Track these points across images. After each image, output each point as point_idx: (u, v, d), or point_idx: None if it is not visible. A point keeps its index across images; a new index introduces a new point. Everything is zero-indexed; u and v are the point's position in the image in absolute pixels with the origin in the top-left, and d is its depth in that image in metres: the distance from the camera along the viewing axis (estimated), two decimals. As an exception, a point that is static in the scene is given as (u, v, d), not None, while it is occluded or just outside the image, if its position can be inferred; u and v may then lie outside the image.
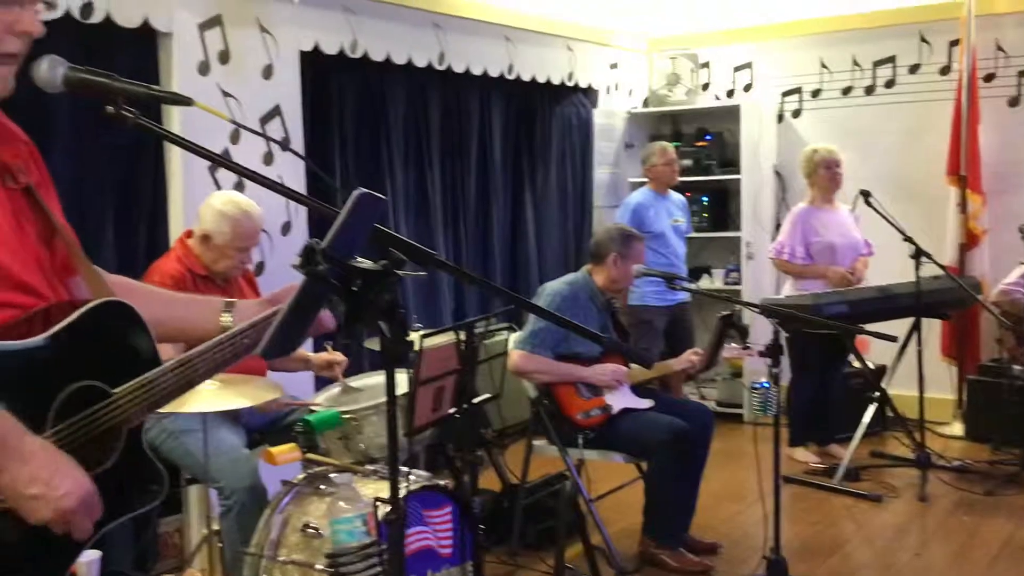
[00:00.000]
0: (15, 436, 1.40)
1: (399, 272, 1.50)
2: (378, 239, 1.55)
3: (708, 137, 7.00)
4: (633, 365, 4.28)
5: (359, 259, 1.51)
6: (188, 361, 1.66)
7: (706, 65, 7.24)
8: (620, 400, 4.23)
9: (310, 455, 3.23)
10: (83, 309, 1.58)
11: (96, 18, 3.81)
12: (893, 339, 3.97)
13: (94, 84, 1.56)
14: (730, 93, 7.20)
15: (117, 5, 3.87)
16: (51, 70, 1.56)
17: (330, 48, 4.89)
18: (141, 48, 4.14)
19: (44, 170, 1.72)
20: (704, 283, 6.87)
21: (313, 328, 1.70)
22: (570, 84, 6.61)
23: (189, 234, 3.79)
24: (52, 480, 1.42)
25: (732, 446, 5.71)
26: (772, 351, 3.63)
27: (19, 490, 1.41)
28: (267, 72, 4.58)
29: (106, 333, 1.61)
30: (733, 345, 4.14)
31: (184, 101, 1.59)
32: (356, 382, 4.02)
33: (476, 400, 3.45)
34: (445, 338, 3.37)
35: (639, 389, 4.36)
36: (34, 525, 1.44)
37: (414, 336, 3.04)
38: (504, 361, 4.16)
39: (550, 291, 4.30)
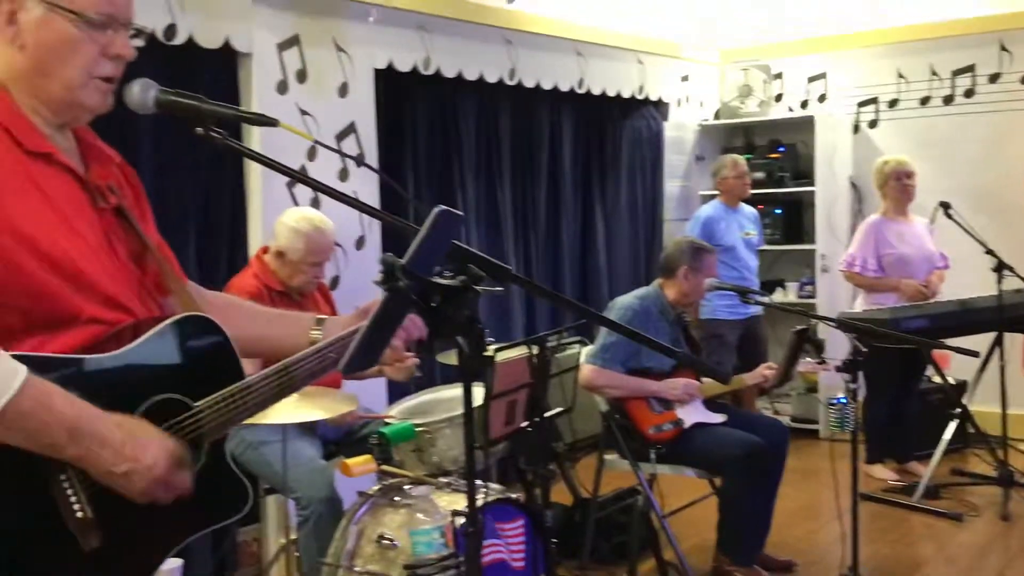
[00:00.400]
0: (89, 420, 1.43)
1: (477, 288, 1.52)
2: (456, 255, 1.58)
3: (781, 149, 6.93)
4: (705, 379, 4.25)
5: (438, 275, 1.53)
6: (269, 376, 1.69)
7: (779, 76, 7.17)
8: (692, 415, 4.20)
9: (385, 467, 3.27)
10: (165, 323, 1.62)
11: (179, 39, 3.93)
12: (975, 354, 3.88)
13: (184, 106, 1.62)
14: (804, 104, 7.12)
15: (199, 27, 3.99)
16: (143, 93, 1.62)
17: (404, 65, 4.96)
18: (222, 68, 4.26)
19: (140, 191, 1.78)
20: (777, 296, 6.79)
21: (404, 336, 1.72)
22: (640, 97, 6.61)
23: (265, 250, 3.88)
24: (136, 454, 1.45)
25: (807, 463, 5.62)
26: (850, 366, 3.57)
27: (108, 470, 1.44)
28: (343, 90, 4.67)
29: (188, 347, 1.64)
30: (808, 360, 4.09)
31: (270, 122, 1.64)
32: (428, 395, 4.07)
33: (548, 414, 3.46)
34: (517, 352, 3.40)
35: (711, 404, 4.32)
36: (119, 529, 1.47)
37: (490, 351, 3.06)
38: (575, 375, 4.17)
39: (621, 305, 4.30)
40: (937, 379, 5.49)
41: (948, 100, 6.60)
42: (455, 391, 4.18)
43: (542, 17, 5.68)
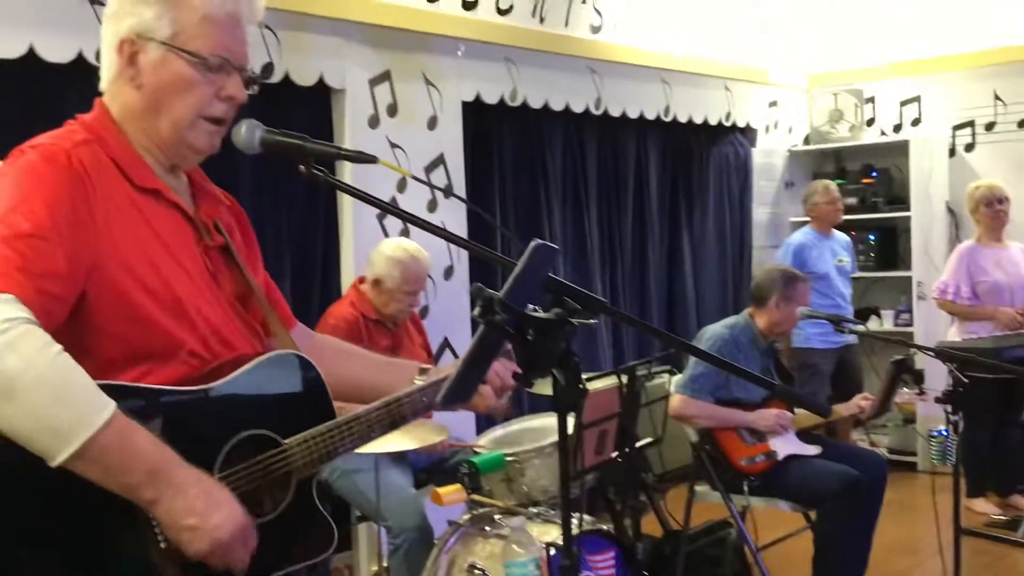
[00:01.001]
0: (169, 465, 1.43)
1: (573, 321, 1.53)
2: (551, 288, 1.59)
3: (874, 174, 6.79)
4: (798, 410, 4.17)
5: (533, 308, 1.54)
6: (359, 417, 1.71)
7: (871, 100, 7.04)
8: (785, 446, 4.12)
9: (475, 496, 3.29)
10: (259, 359, 1.65)
11: (276, 77, 4.05)
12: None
13: (288, 146, 1.67)
14: (897, 128, 6.97)
15: (295, 65, 4.11)
16: (249, 133, 1.67)
17: (491, 97, 5.02)
18: (316, 103, 4.37)
19: (250, 234, 1.84)
20: (872, 325, 6.63)
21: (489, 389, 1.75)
22: (728, 124, 6.56)
23: (362, 280, 3.96)
24: (206, 511, 1.45)
25: (906, 496, 5.46)
26: (950, 397, 3.47)
27: (176, 520, 1.44)
28: (432, 123, 4.75)
29: (281, 384, 1.67)
30: (906, 390, 3.99)
31: (369, 159, 1.68)
32: (517, 425, 4.08)
33: (638, 444, 3.45)
34: (607, 382, 3.39)
35: (805, 435, 4.23)
36: (199, 564, 1.48)
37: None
38: (665, 405, 4.14)
39: (710, 335, 4.25)
40: (1042, 410, 5.28)
41: (1048, 122, 6.40)
42: (543, 420, 4.18)
43: (627, 46, 5.69)
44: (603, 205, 5.92)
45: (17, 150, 1.53)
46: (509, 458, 3.39)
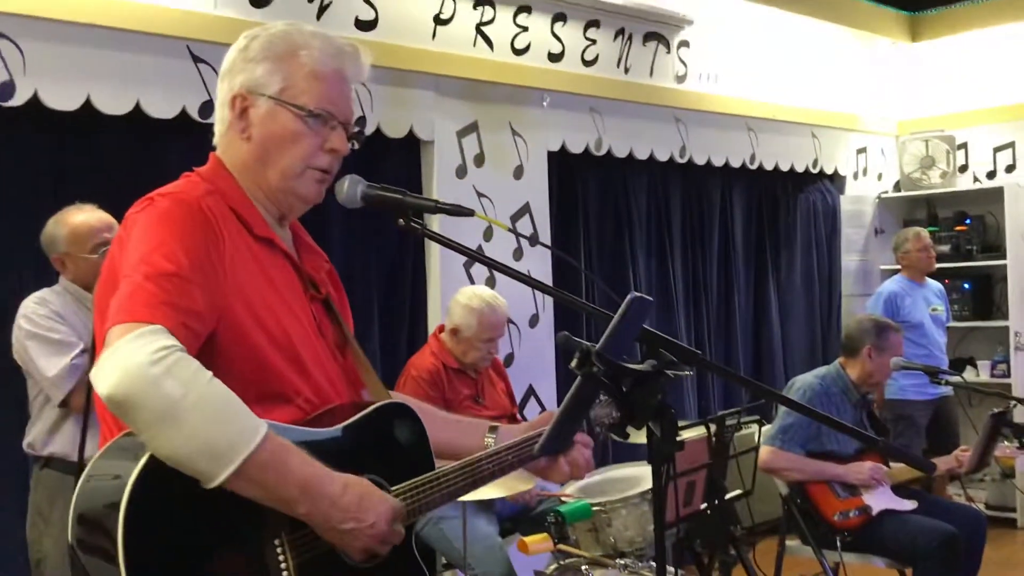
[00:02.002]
0: (320, 478, 1.49)
1: (668, 373, 1.53)
2: (646, 339, 1.59)
3: (967, 221, 6.63)
4: (893, 463, 4.06)
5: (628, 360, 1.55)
6: (457, 471, 1.75)
7: (963, 146, 6.90)
8: (880, 501, 4.01)
9: (561, 546, 3.27)
10: (372, 407, 1.71)
11: (368, 129, 4.16)
12: None
13: (388, 200, 1.72)
14: (991, 174, 6.81)
15: (386, 117, 4.22)
16: (352, 188, 1.73)
17: (576, 147, 5.07)
18: (405, 153, 4.47)
19: (341, 289, 1.89)
20: (968, 376, 6.42)
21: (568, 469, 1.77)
22: (815, 171, 6.49)
23: (441, 329, 4.00)
24: (360, 513, 1.52)
25: (1006, 554, 5.26)
26: (1054, 453, 3.34)
27: (335, 526, 1.51)
28: (518, 172, 4.81)
29: (389, 432, 1.72)
30: (1005, 444, 3.86)
31: (466, 213, 1.72)
32: (603, 474, 4.05)
33: (727, 496, 3.39)
34: (695, 432, 3.36)
35: (900, 489, 4.12)
36: None
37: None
38: (755, 456, 4.06)
39: (800, 385, 4.18)
40: None
41: None
42: (629, 470, 4.15)
43: (712, 95, 5.70)
44: (688, 253, 5.89)
45: (146, 198, 1.61)
46: (596, 508, 3.37)
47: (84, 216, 3.01)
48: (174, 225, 1.53)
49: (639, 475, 4.07)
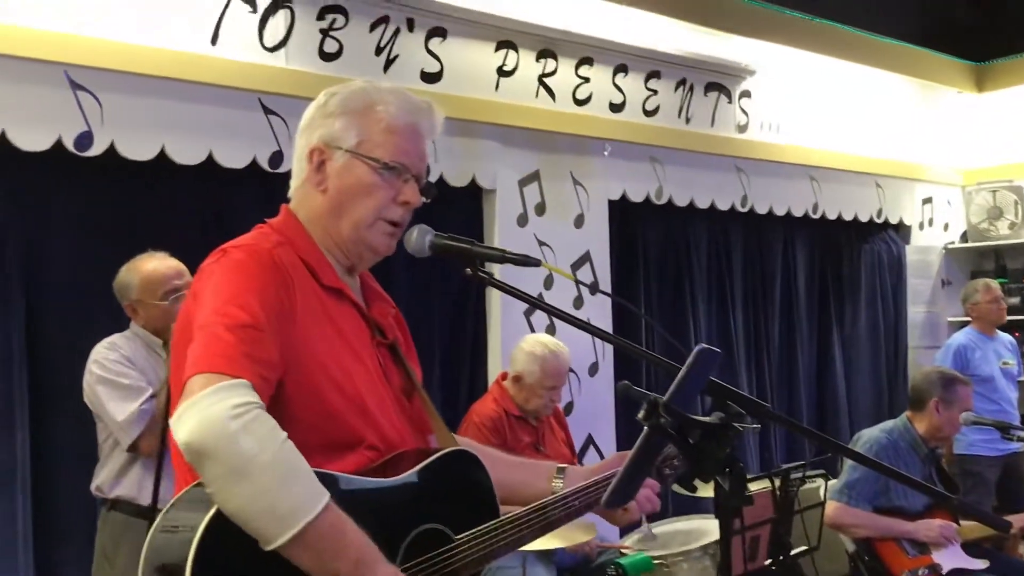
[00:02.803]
0: (374, 559, 1.49)
1: (737, 426, 1.52)
2: (713, 391, 1.58)
3: (1038, 273, 6.49)
4: (964, 521, 3.94)
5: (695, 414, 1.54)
6: (523, 517, 1.74)
7: (1032, 196, 6.77)
8: (950, 559, 3.89)
9: (622, 600, 3.23)
10: (436, 455, 1.71)
11: (431, 178, 4.21)
12: None
13: (456, 250, 1.74)
14: (1061, 225, 6.66)
15: (449, 166, 4.28)
16: (420, 237, 1.76)
17: (637, 196, 5.08)
18: (467, 202, 4.52)
19: (408, 334, 1.92)
20: (1040, 431, 6.24)
21: (636, 509, 1.76)
22: (879, 221, 6.41)
23: (504, 376, 4.01)
24: None
25: (1084, 619, 5.03)
26: None
27: None
28: (579, 221, 4.83)
29: (454, 480, 1.72)
30: (1083, 503, 3.73)
31: (533, 263, 1.73)
32: (659, 528, 4.00)
33: (792, 552, 3.32)
34: (759, 485, 3.30)
35: (970, 547, 3.99)
36: None
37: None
38: (820, 512, 3.98)
39: (867, 439, 4.09)
40: None
41: None
42: (690, 523, 4.09)
43: (774, 144, 5.68)
44: (749, 303, 5.84)
45: (220, 250, 1.65)
46: (657, 561, 3.33)
47: (155, 263, 3.08)
48: (248, 276, 1.57)
49: (700, 528, 4.02)
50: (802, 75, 5.82)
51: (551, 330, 4.51)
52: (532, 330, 4.52)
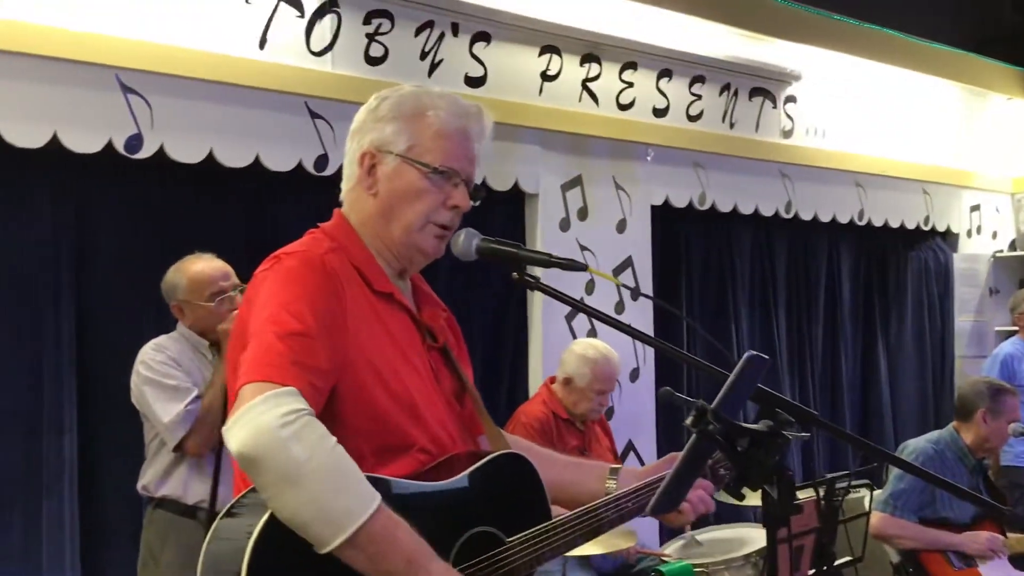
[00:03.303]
0: (426, 559, 1.50)
1: (786, 434, 1.50)
2: (761, 399, 1.56)
3: (1089, 281, 6.36)
4: (1011, 533, 3.88)
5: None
6: (575, 519, 1.73)
7: (1083, 203, 6.65)
8: (997, 572, 3.83)
9: (662, 607, 3.21)
10: (487, 458, 1.72)
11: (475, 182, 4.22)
12: None
13: (503, 254, 1.75)
14: (1114, 233, 6.54)
15: (493, 171, 4.27)
16: (467, 241, 1.76)
17: (679, 201, 5.06)
18: (510, 206, 4.52)
19: (460, 337, 1.92)
20: (1091, 444, 6.11)
21: (690, 510, 1.75)
22: (926, 228, 6.33)
23: (553, 379, 4.02)
24: None
25: None
26: None
27: None
28: (621, 226, 4.81)
29: (505, 483, 1.72)
30: None
31: (580, 267, 1.73)
32: (705, 534, 3.97)
33: (836, 563, 3.28)
34: (802, 494, 3.26)
35: (1018, 560, 3.93)
36: None
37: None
38: (865, 522, 3.93)
39: (912, 450, 4.04)
40: None
41: None
42: (732, 531, 4.06)
43: (820, 149, 5.63)
44: (792, 310, 5.79)
45: (273, 257, 1.67)
46: (698, 569, 3.31)
47: (202, 265, 3.11)
48: (300, 284, 1.58)
49: (741, 537, 3.98)
50: (848, 80, 5.75)
51: (592, 335, 4.50)
52: (574, 335, 4.51)
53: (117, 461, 3.44)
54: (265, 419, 1.42)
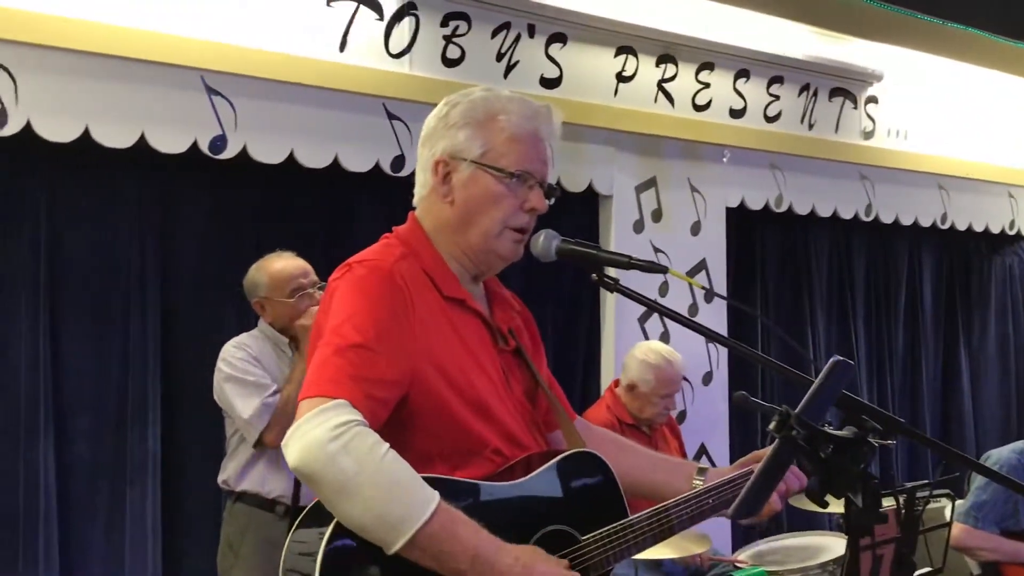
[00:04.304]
0: (490, 550, 1.51)
1: (872, 441, 1.47)
2: (846, 405, 1.54)
3: None
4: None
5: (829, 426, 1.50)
6: (649, 517, 1.72)
7: None
8: (1085, 589, 3.70)
9: (736, 614, 3.17)
10: (558, 457, 1.72)
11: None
12: None
13: (583, 255, 1.74)
14: None
15: (567, 172, 4.28)
16: (547, 242, 1.76)
17: (755, 204, 4.99)
18: (583, 208, 4.52)
19: (536, 334, 1.93)
20: None
21: (784, 490, 1.72)
22: (1011, 232, 6.15)
23: (616, 383, 3.99)
24: None
25: None
26: None
27: None
28: (695, 228, 4.77)
29: (578, 482, 1.72)
30: None
31: (660, 270, 1.72)
32: (778, 542, 3.92)
33: (916, 573, 3.21)
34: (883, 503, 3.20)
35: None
36: None
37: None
38: (945, 533, 3.84)
39: (995, 460, 3.92)
40: None
41: None
42: (807, 539, 4.00)
43: (902, 151, 5.50)
44: (871, 315, 5.68)
45: (345, 265, 1.69)
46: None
47: (283, 263, 3.17)
48: (366, 295, 1.60)
49: (816, 544, 3.92)
50: (932, 80, 5.62)
51: (665, 337, 4.47)
52: (646, 337, 4.48)
53: (199, 455, 3.53)
54: (314, 434, 1.45)
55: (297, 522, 1.59)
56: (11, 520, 3.27)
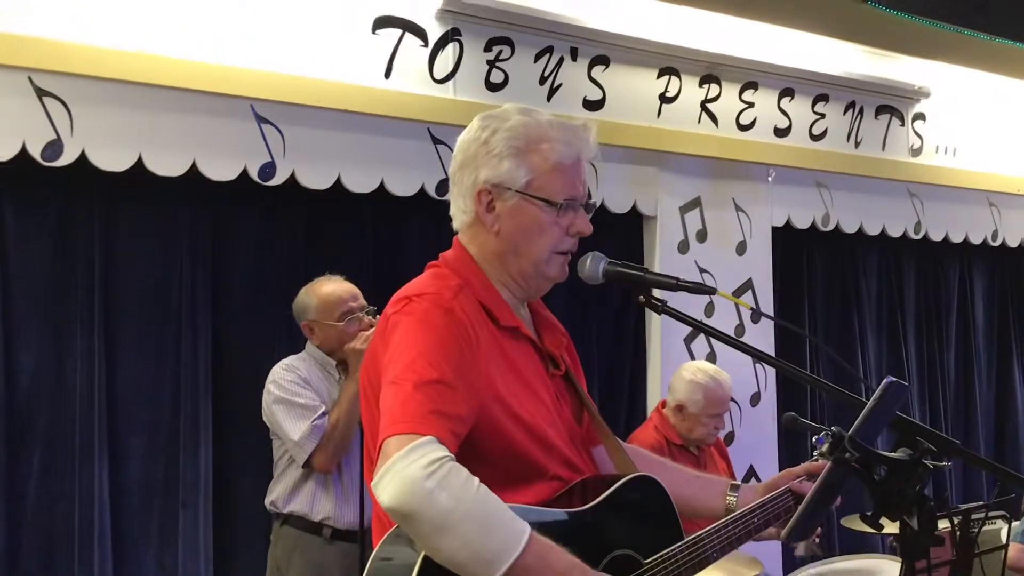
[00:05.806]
0: (581, 573, 1.53)
1: (927, 463, 1.46)
2: (900, 427, 1.53)
3: None
4: None
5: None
6: (707, 537, 1.74)
7: None
8: None
9: (788, 639, 3.13)
10: (620, 482, 1.73)
11: (592, 205, 4.24)
12: None
13: (630, 277, 1.76)
14: None
15: (610, 194, 4.29)
16: (594, 265, 1.78)
17: (802, 223, 4.96)
18: (627, 228, 4.52)
19: (575, 356, 1.94)
20: None
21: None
22: (1065, 248, 6.04)
23: (664, 404, 3.96)
24: None
25: None
26: None
27: None
28: (741, 248, 4.75)
29: (639, 505, 1.74)
30: None
31: (708, 291, 1.73)
32: (830, 565, 3.85)
33: (973, 597, 3.14)
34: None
35: None
36: None
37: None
38: (1002, 555, 3.76)
39: (1054, 480, 3.84)
40: None
41: None
42: (859, 562, 3.93)
43: (951, 168, 5.44)
44: (922, 334, 5.60)
45: (403, 298, 1.68)
46: (826, 601, 3.20)
47: (332, 287, 3.21)
48: (434, 332, 1.60)
49: (871, 568, 3.85)
50: (980, 97, 5.55)
51: (711, 358, 4.44)
52: (692, 357, 4.46)
53: (248, 477, 3.56)
54: (409, 472, 1.44)
55: (384, 539, 1.58)
56: (66, 539, 3.33)
